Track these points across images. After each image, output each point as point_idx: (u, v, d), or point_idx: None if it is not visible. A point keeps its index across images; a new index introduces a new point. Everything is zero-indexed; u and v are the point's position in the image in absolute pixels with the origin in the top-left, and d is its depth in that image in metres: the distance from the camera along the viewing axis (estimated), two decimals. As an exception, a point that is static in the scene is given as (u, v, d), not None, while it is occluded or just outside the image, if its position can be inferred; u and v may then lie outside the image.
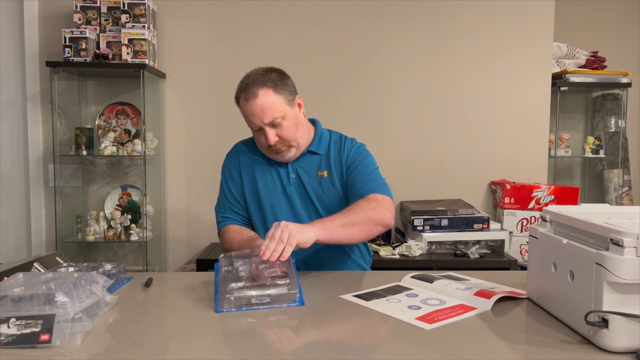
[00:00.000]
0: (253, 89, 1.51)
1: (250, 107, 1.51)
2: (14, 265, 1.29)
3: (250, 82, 1.52)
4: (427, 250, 2.48)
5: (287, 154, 1.58)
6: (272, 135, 1.52)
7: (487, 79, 2.84)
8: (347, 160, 1.64)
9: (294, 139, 1.57)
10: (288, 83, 1.58)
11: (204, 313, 1.13)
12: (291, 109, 1.56)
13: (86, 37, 2.50)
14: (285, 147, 1.56)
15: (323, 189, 1.63)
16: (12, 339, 0.91)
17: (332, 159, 1.65)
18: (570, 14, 3.21)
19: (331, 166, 1.64)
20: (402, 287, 1.31)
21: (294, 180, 1.63)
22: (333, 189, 1.63)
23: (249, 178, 1.67)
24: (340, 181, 1.64)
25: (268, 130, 1.52)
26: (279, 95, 1.52)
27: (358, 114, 2.82)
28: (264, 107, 1.50)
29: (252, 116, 1.52)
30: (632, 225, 0.92)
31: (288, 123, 1.54)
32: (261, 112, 1.50)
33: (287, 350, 0.92)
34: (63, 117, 2.72)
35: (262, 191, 1.64)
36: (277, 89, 1.52)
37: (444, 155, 2.87)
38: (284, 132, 1.54)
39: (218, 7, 2.77)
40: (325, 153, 1.66)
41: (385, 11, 2.80)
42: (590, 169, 3.31)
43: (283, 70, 1.61)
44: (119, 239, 2.64)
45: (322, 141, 1.67)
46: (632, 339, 0.88)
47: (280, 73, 1.58)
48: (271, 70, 1.57)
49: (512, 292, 1.23)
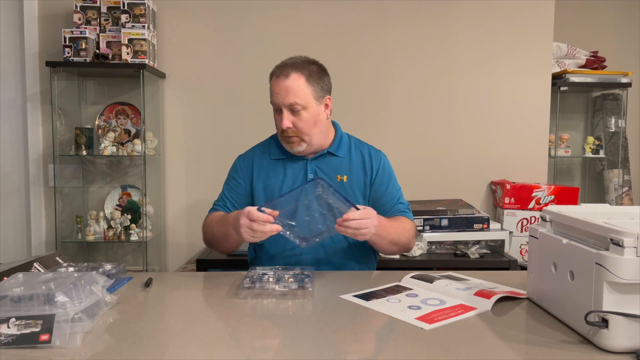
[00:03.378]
0: (287, 70, 1.53)
1: (277, 85, 1.53)
2: (14, 265, 1.29)
3: (290, 63, 1.56)
4: (427, 250, 2.48)
5: (297, 146, 1.58)
6: (288, 120, 1.53)
7: (487, 78, 2.84)
8: (377, 174, 1.65)
9: (308, 133, 1.56)
10: (324, 80, 1.59)
11: (204, 313, 1.13)
12: (316, 104, 1.56)
13: (86, 37, 2.49)
14: (297, 138, 1.56)
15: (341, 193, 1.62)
16: (12, 339, 0.91)
17: (353, 164, 1.65)
18: (570, 14, 3.21)
19: (352, 172, 1.64)
20: (402, 287, 1.31)
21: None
22: (352, 194, 1.62)
23: (263, 179, 1.65)
24: (361, 189, 1.64)
25: (285, 113, 1.53)
26: (309, 85, 1.54)
27: (358, 113, 2.82)
28: (290, 89, 1.51)
29: (276, 94, 1.54)
30: (632, 225, 0.92)
31: (307, 115, 1.54)
32: (285, 92, 1.52)
33: (287, 350, 0.92)
34: (63, 117, 2.72)
35: (276, 191, 1.62)
36: (311, 79, 1.54)
37: (444, 155, 2.87)
38: (300, 123, 1.54)
39: (218, 7, 2.77)
40: (345, 157, 1.66)
41: (384, 11, 2.80)
42: (590, 169, 3.31)
43: (325, 68, 1.62)
44: (119, 239, 2.64)
45: (342, 144, 1.68)
46: (632, 339, 0.88)
47: (322, 68, 1.61)
48: (313, 62, 1.60)
49: (512, 292, 1.23)
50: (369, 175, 1.65)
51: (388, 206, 1.64)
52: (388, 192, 1.66)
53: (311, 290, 1.24)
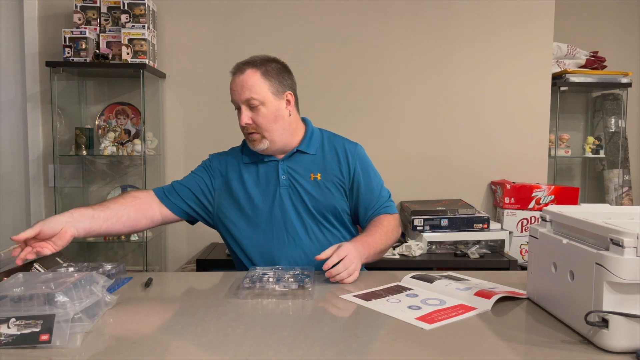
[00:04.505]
0: (243, 66, 1.54)
1: (233, 82, 1.55)
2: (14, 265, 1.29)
3: (248, 61, 1.56)
4: (427, 250, 2.48)
5: (259, 144, 1.55)
6: (246, 116, 1.53)
7: (487, 78, 2.84)
8: (355, 169, 1.62)
9: (268, 129, 1.54)
10: (283, 76, 1.58)
11: (204, 313, 1.13)
12: (275, 99, 1.54)
13: (86, 37, 2.50)
14: (257, 135, 1.55)
15: (316, 191, 1.59)
16: (12, 339, 0.91)
17: (327, 160, 1.62)
18: (570, 14, 3.21)
19: (325, 169, 1.61)
20: (402, 287, 1.31)
21: (285, 181, 1.59)
22: (328, 192, 1.59)
23: (236, 179, 1.61)
24: (336, 185, 1.61)
25: (244, 109, 1.53)
26: (265, 81, 1.53)
27: (358, 114, 2.82)
28: (244, 84, 1.52)
29: (232, 92, 1.55)
30: (632, 225, 0.92)
31: (266, 111, 1.53)
32: (240, 88, 1.52)
33: (286, 350, 0.92)
34: (63, 117, 2.72)
35: (251, 193, 1.59)
36: (267, 75, 1.53)
37: (444, 155, 2.87)
38: (259, 119, 1.53)
39: (218, 7, 2.77)
40: (317, 153, 1.63)
41: (386, 11, 2.80)
42: (590, 169, 3.31)
43: (287, 66, 1.61)
44: (119, 239, 2.64)
45: (313, 140, 1.64)
46: (632, 339, 0.88)
47: (282, 66, 1.60)
48: (273, 60, 1.58)
49: (512, 292, 1.23)
50: (346, 170, 1.61)
51: (369, 202, 1.62)
52: (369, 186, 1.63)
53: (311, 290, 1.24)
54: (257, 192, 1.59)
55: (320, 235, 1.59)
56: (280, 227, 1.57)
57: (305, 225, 1.58)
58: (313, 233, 1.58)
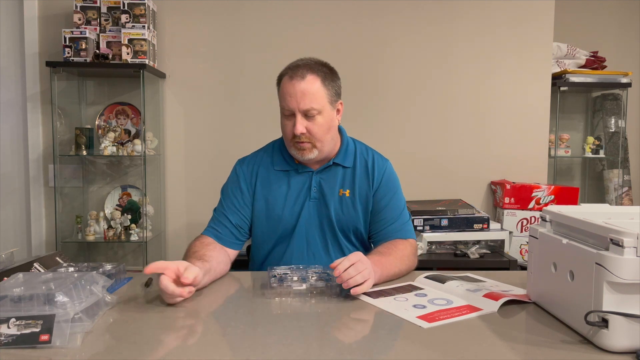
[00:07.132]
0: (303, 71, 1.44)
1: (293, 87, 1.43)
2: (14, 265, 1.29)
3: (302, 64, 1.46)
4: (427, 250, 2.48)
5: (309, 153, 1.48)
6: (302, 125, 1.43)
7: (487, 78, 2.85)
8: (380, 185, 1.56)
9: (321, 140, 1.47)
10: (337, 83, 1.51)
11: (204, 313, 1.13)
12: (331, 108, 1.48)
13: (86, 37, 2.49)
14: (309, 144, 1.47)
15: (343, 209, 1.54)
16: (12, 339, 0.91)
17: (357, 177, 1.56)
18: (570, 14, 3.21)
19: (355, 186, 1.55)
20: (413, 287, 1.31)
21: (315, 194, 1.53)
22: (353, 210, 1.55)
23: (266, 192, 1.55)
24: (363, 204, 1.56)
25: (299, 118, 1.43)
26: (325, 89, 1.45)
27: (358, 114, 2.82)
28: (306, 92, 1.42)
29: (290, 97, 1.43)
30: (632, 225, 0.92)
31: (322, 120, 1.45)
32: (301, 95, 1.42)
33: (286, 350, 0.92)
34: (63, 117, 2.72)
35: (279, 203, 1.53)
36: (326, 82, 1.46)
37: (444, 155, 2.87)
38: (314, 128, 1.45)
39: (218, 7, 2.77)
40: (351, 167, 1.57)
41: (386, 11, 2.80)
42: (590, 169, 3.31)
43: (335, 70, 1.54)
44: (119, 239, 2.64)
45: (348, 153, 1.58)
46: (632, 339, 0.88)
47: (333, 71, 1.52)
48: (324, 64, 1.51)
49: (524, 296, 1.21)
50: (372, 186, 1.56)
51: (386, 221, 1.55)
52: (390, 206, 1.55)
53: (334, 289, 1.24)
54: (284, 202, 1.54)
55: (339, 252, 1.56)
56: (302, 240, 1.54)
57: (326, 241, 1.55)
58: (332, 249, 1.56)
